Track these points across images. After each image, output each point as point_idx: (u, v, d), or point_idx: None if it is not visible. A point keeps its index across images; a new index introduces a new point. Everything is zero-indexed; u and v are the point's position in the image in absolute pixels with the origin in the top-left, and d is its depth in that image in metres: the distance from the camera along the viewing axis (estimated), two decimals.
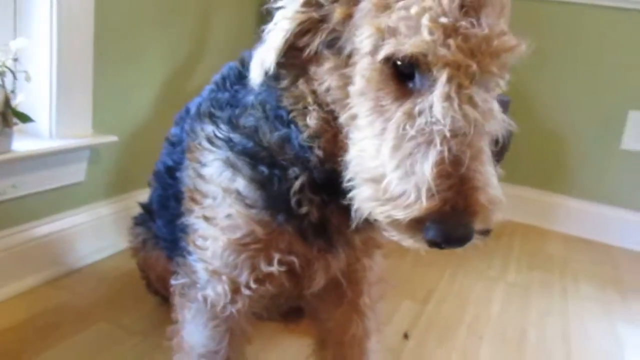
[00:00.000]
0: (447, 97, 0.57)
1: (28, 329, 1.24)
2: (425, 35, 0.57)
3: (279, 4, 0.68)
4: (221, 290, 0.81)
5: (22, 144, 1.32)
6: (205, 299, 0.83)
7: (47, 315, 1.30)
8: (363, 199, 0.62)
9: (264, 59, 0.69)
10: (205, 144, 0.83)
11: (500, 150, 2.14)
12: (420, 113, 0.58)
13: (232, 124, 0.80)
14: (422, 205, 0.56)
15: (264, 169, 0.76)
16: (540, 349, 1.44)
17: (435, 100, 0.57)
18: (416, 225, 0.57)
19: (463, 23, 0.57)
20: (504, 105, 2.11)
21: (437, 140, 0.56)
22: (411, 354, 1.33)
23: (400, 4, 0.59)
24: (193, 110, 0.92)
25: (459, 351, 1.38)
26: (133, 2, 1.57)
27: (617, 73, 2.28)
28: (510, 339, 1.47)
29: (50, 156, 1.39)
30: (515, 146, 2.08)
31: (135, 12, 1.58)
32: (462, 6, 0.58)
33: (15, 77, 1.21)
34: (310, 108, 0.72)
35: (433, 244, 0.58)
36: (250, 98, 0.79)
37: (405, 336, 1.41)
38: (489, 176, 0.59)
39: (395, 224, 0.59)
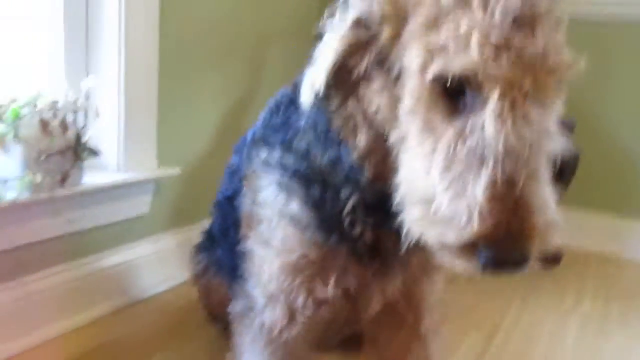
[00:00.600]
0: (500, 116, 0.55)
1: (94, 358, 1.28)
2: (474, 53, 0.55)
3: (329, 27, 0.69)
4: (278, 316, 0.81)
5: (91, 177, 1.38)
6: (262, 324, 0.83)
7: (111, 345, 1.34)
8: (413, 221, 0.61)
9: (314, 80, 0.69)
10: (261, 169, 0.84)
11: (567, 174, 2.05)
12: (471, 132, 0.57)
13: (286, 148, 0.81)
14: (474, 228, 0.53)
15: (316, 190, 0.76)
16: None
17: (487, 119, 0.56)
18: (469, 249, 0.55)
19: (517, 38, 0.56)
20: (570, 126, 2.01)
21: (490, 161, 0.54)
22: None
23: (449, 21, 0.58)
24: (249, 137, 0.94)
25: None
26: (195, 40, 1.64)
27: None
28: None
29: (118, 189, 1.45)
30: (584, 169, 1.99)
31: (197, 49, 1.65)
32: (515, 20, 0.56)
33: (86, 115, 1.27)
34: (360, 128, 0.71)
35: (487, 269, 0.55)
36: (303, 121, 0.79)
37: None
38: (546, 198, 0.56)
39: (446, 247, 0.57)
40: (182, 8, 1.57)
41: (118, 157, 1.47)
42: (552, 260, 2.11)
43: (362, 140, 0.71)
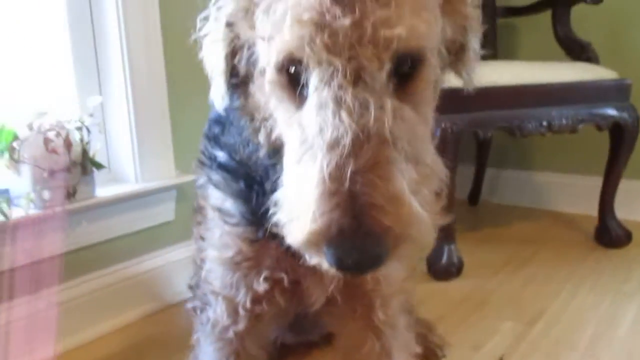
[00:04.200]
0: (319, 105, 0.50)
1: (126, 359, 1.34)
2: (286, 34, 0.51)
3: (204, 31, 0.67)
4: (222, 311, 0.80)
5: (109, 189, 1.46)
6: (209, 320, 0.82)
7: (143, 347, 1.39)
8: (278, 222, 0.57)
9: (216, 84, 0.68)
10: (201, 165, 0.83)
11: (628, 140, 1.83)
12: (304, 124, 0.52)
13: (218, 142, 0.79)
14: (309, 227, 0.49)
15: (242, 184, 0.74)
16: None
17: (307, 109, 0.51)
18: (314, 248, 0.50)
19: (329, 15, 0.49)
20: (624, 90, 1.82)
21: (318, 155, 0.50)
22: None
23: (274, 5, 0.53)
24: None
25: None
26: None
27: None
28: None
29: (137, 198, 1.51)
30: None
31: None
32: None
33: (89, 131, 1.34)
34: (259, 125, 0.68)
35: (335, 268, 0.50)
36: (230, 115, 0.78)
37: None
38: (394, 192, 0.49)
39: (299, 247, 0.53)
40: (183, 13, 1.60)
41: (135, 168, 1.53)
42: (620, 238, 1.90)
43: (262, 137, 0.69)
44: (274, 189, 0.70)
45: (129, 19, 1.44)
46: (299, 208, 0.51)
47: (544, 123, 1.74)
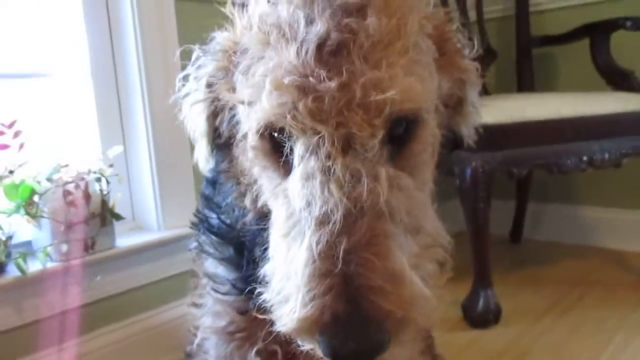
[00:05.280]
0: (305, 177, 0.46)
1: None
2: (265, 102, 0.46)
3: (184, 91, 0.64)
4: None
5: (130, 239, 1.45)
6: None
7: None
8: (265, 303, 0.52)
9: (200, 147, 0.66)
10: (192, 225, 0.81)
11: None
12: (291, 196, 0.48)
13: (208, 203, 0.76)
14: (296, 314, 0.44)
15: (232, 250, 0.70)
16: None
17: (293, 181, 0.47)
18: (307, 335, 0.45)
19: (312, 78, 0.45)
20: None
21: (307, 231, 0.45)
22: None
23: (253, 67, 0.49)
24: None
25: None
26: None
27: None
28: None
29: (158, 247, 1.50)
30: None
31: None
32: (318, 54, 0.45)
33: (108, 182, 1.34)
34: (244, 190, 0.64)
35: (331, 358, 0.44)
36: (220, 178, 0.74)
37: None
38: (393, 270, 0.44)
39: (289, 334, 0.47)
40: None
41: (157, 216, 1.52)
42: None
43: (248, 202, 0.64)
44: (263, 257, 0.65)
45: (150, 68, 1.45)
46: (288, 289, 0.46)
47: (584, 158, 1.63)
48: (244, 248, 0.69)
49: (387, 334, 0.42)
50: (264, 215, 0.63)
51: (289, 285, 0.46)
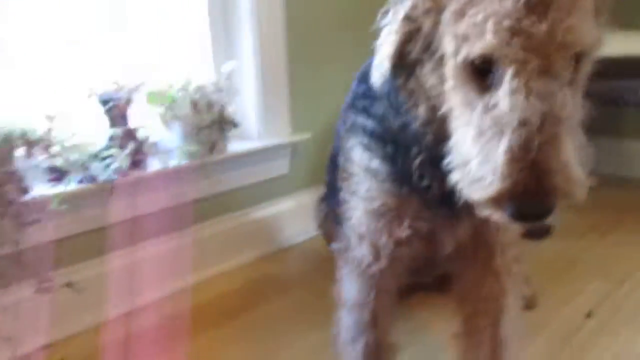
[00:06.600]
0: (513, 91, 0.64)
1: (245, 292, 1.58)
2: (489, 38, 0.64)
3: (384, 22, 0.82)
4: (365, 252, 0.97)
5: (236, 145, 1.66)
6: (354, 259, 1.00)
7: (259, 283, 1.63)
8: (456, 180, 0.72)
9: (380, 65, 0.83)
10: (349, 131, 0.99)
11: None
12: (494, 106, 0.66)
13: (367, 112, 0.95)
14: (496, 186, 0.64)
15: (390, 149, 0.90)
16: None
17: (502, 95, 0.65)
18: (497, 203, 0.65)
19: (526, 22, 0.63)
20: None
21: (507, 130, 0.64)
22: (590, 333, 1.30)
23: (471, 11, 0.67)
24: (345, 103, 1.09)
25: None
26: (319, 12, 1.82)
27: None
28: None
29: (258, 154, 1.71)
30: None
31: (322, 20, 1.85)
32: (527, 4, 0.63)
33: (227, 94, 1.53)
34: (420, 101, 0.84)
35: (513, 219, 0.65)
36: (379, 91, 0.93)
37: (589, 315, 1.37)
38: (565, 160, 0.63)
39: (479, 202, 0.68)
40: None
41: (258, 127, 1.73)
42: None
43: (422, 111, 0.84)
44: (419, 153, 0.86)
45: None
46: (483, 170, 0.66)
47: None
48: (400, 147, 0.89)
49: (556, 203, 0.63)
50: (432, 122, 0.82)
51: (483, 168, 0.66)
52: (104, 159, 1.32)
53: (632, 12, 2.31)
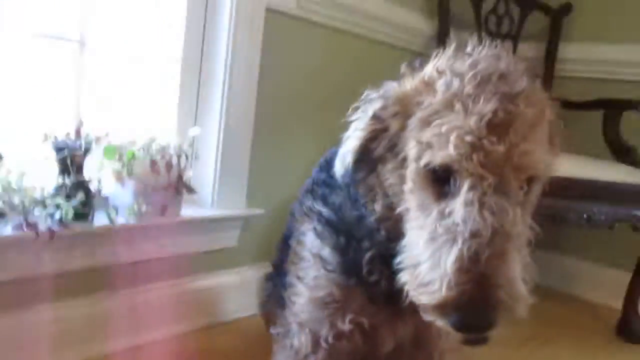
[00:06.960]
0: (468, 203, 0.67)
1: None
2: (451, 150, 0.68)
3: (353, 117, 0.85)
4: (304, 341, 0.95)
5: (190, 210, 1.64)
6: (291, 347, 0.97)
7: (191, 357, 1.55)
8: (404, 282, 0.73)
9: (344, 158, 0.86)
10: (304, 215, 1.00)
11: None
12: (449, 214, 0.69)
13: (325, 200, 0.96)
14: (442, 294, 0.65)
15: (343, 239, 0.91)
16: None
17: (457, 205, 0.68)
18: (442, 311, 0.67)
19: (486, 141, 0.67)
20: None
21: (459, 239, 0.66)
22: None
23: (437, 121, 0.71)
24: (304, 186, 1.11)
25: None
26: (289, 96, 1.87)
27: None
28: None
29: (211, 222, 1.69)
30: None
31: (292, 102, 1.89)
32: (489, 125, 0.68)
33: (187, 158, 1.53)
34: (378, 197, 0.86)
35: (456, 329, 0.66)
36: (339, 182, 0.95)
37: None
38: (512, 276, 0.66)
39: (425, 307, 0.69)
40: (279, 66, 1.81)
41: (213, 195, 1.71)
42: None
43: (378, 207, 0.86)
44: (370, 248, 0.87)
45: (234, 65, 1.65)
46: (432, 276, 0.67)
47: (585, 216, 1.87)
48: (352, 239, 0.90)
49: (499, 316, 0.64)
50: (387, 219, 0.84)
51: (432, 273, 0.67)
52: (48, 206, 1.27)
53: (580, 139, 2.48)
